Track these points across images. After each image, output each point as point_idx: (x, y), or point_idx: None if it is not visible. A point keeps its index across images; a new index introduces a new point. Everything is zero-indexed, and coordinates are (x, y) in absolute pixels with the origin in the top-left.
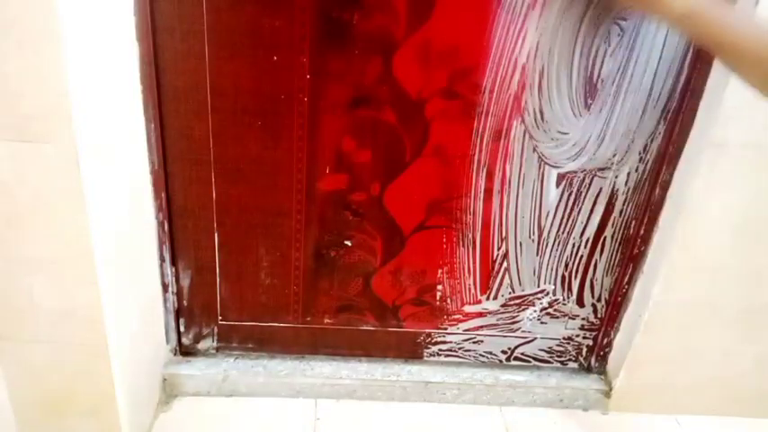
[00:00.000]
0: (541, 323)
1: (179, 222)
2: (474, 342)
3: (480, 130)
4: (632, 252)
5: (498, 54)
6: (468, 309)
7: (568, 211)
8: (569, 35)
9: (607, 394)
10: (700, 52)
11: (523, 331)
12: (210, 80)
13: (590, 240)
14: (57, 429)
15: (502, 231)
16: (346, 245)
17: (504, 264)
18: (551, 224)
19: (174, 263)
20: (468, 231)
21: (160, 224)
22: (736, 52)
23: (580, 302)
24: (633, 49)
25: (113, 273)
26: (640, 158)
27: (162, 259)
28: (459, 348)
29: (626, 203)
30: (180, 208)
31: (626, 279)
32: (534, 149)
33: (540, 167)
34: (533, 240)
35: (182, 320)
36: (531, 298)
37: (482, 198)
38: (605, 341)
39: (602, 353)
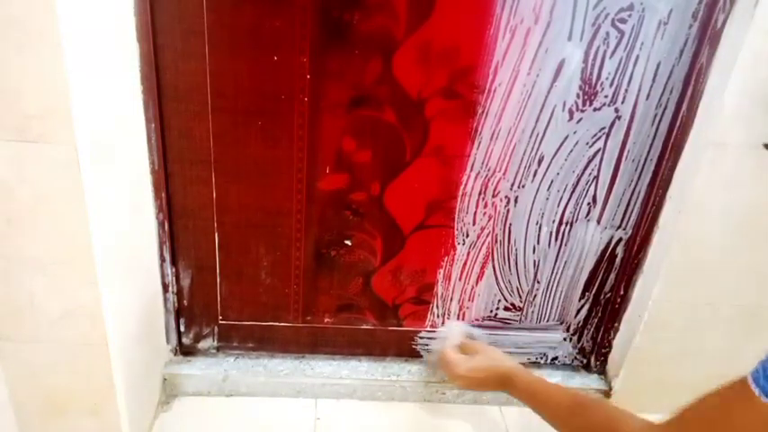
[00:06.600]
0: None
1: (179, 222)
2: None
3: (480, 129)
4: (632, 252)
5: (498, 54)
6: None
7: None
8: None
9: (607, 394)
10: (699, 51)
11: None
12: (210, 80)
13: None
14: (57, 429)
15: None
16: (346, 244)
17: None
18: None
19: (174, 263)
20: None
21: (160, 224)
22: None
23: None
24: (633, 49)
25: (113, 273)
26: None
27: (162, 259)
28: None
29: None
30: (180, 208)
31: (626, 279)
32: None
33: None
34: None
35: (182, 320)
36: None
37: None
38: (605, 341)
39: (601, 353)
